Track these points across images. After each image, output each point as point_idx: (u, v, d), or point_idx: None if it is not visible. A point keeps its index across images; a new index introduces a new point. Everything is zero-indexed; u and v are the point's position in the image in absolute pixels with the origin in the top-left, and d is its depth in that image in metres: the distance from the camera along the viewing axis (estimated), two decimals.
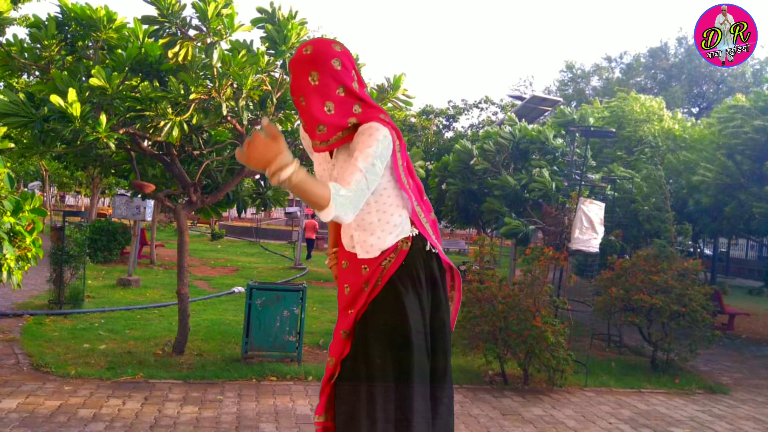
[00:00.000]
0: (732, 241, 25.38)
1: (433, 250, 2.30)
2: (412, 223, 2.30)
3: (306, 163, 2.88)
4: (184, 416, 4.20)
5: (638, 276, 7.05)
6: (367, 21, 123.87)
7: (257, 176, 6.52)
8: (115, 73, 4.54)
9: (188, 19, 4.82)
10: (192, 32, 4.90)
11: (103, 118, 4.35)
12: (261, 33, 5.12)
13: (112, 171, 6.67)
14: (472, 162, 10.57)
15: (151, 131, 4.92)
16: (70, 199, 44.20)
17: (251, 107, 5.31)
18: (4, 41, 4.91)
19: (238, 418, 4.25)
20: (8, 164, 4.93)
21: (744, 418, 5.37)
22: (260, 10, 5.09)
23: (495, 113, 28.35)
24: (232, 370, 5.36)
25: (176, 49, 4.85)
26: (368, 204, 2.20)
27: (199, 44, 4.97)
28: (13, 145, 4.51)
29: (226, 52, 4.88)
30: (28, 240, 3.58)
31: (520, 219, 9.20)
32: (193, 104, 4.86)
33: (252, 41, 5.12)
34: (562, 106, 15.12)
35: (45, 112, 4.50)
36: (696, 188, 10.53)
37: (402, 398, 2.13)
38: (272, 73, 5.37)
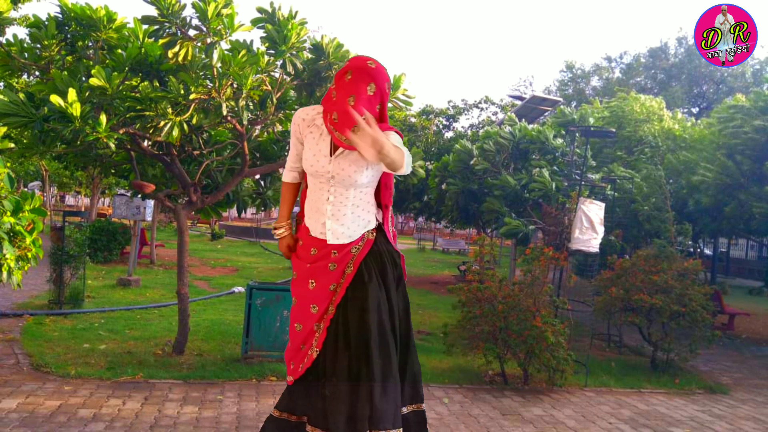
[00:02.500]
0: (732, 241, 25.38)
1: (388, 247, 2.64)
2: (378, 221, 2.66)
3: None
4: (184, 416, 4.20)
5: (638, 276, 7.05)
6: (367, 21, 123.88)
7: (257, 176, 6.52)
8: (115, 73, 4.53)
9: (188, 19, 4.82)
10: (192, 32, 4.90)
11: (103, 118, 4.35)
12: (261, 33, 5.12)
13: (112, 171, 6.66)
14: (472, 162, 10.57)
15: (151, 131, 4.92)
16: (70, 199, 44.18)
17: (251, 107, 5.30)
18: (4, 41, 4.91)
19: (238, 418, 4.25)
20: (8, 164, 4.93)
21: (744, 418, 5.37)
22: (260, 10, 5.09)
23: (495, 113, 28.31)
24: (232, 370, 5.36)
25: (176, 49, 4.85)
26: (346, 198, 2.51)
27: (199, 44, 4.97)
28: (13, 145, 4.50)
29: (226, 52, 4.87)
30: (28, 240, 3.58)
31: (520, 219, 9.21)
32: (193, 104, 4.85)
33: (252, 41, 5.12)
34: (562, 106, 15.13)
35: (45, 112, 4.50)
36: (696, 188, 10.53)
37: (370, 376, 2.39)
38: (272, 73, 5.37)
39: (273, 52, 5.13)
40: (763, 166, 9.34)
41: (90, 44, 5.08)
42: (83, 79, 4.68)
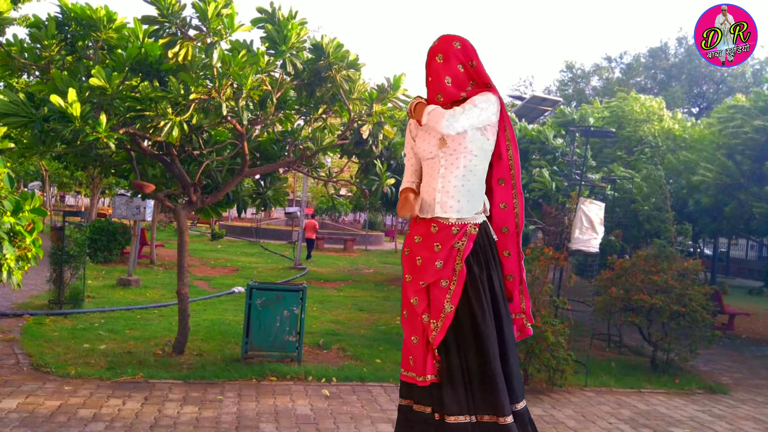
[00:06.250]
0: (732, 241, 25.37)
1: (494, 237, 2.67)
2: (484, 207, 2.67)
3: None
4: (184, 416, 4.20)
5: (638, 276, 7.05)
6: (367, 21, 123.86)
7: (257, 176, 6.52)
8: (115, 73, 4.54)
9: (188, 19, 4.82)
10: (192, 32, 4.90)
11: (103, 118, 4.35)
12: (261, 33, 5.12)
13: (112, 171, 6.67)
14: None
15: (151, 131, 4.92)
16: (70, 199, 44.18)
17: (251, 107, 5.30)
18: (4, 41, 4.91)
19: (238, 418, 4.25)
20: (8, 164, 4.93)
21: (744, 418, 5.37)
22: (260, 10, 5.09)
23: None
24: (232, 370, 5.36)
25: (176, 49, 4.84)
26: (456, 168, 2.57)
27: (199, 44, 4.97)
28: (13, 145, 4.50)
29: (226, 52, 4.88)
30: (28, 240, 3.58)
31: None
32: (193, 104, 4.85)
33: (252, 41, 5.13)
34: (562, 106, 15.12)
35: (45, 112, 4.50)
36: (696, 188, 10.53)
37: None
38: (272, 73, 5.37)
39: (273, 52, 5.13)
40: (763, 166, 9.34)
41: (90, 44, 5.08)
42: (83, 79, 4.68)
